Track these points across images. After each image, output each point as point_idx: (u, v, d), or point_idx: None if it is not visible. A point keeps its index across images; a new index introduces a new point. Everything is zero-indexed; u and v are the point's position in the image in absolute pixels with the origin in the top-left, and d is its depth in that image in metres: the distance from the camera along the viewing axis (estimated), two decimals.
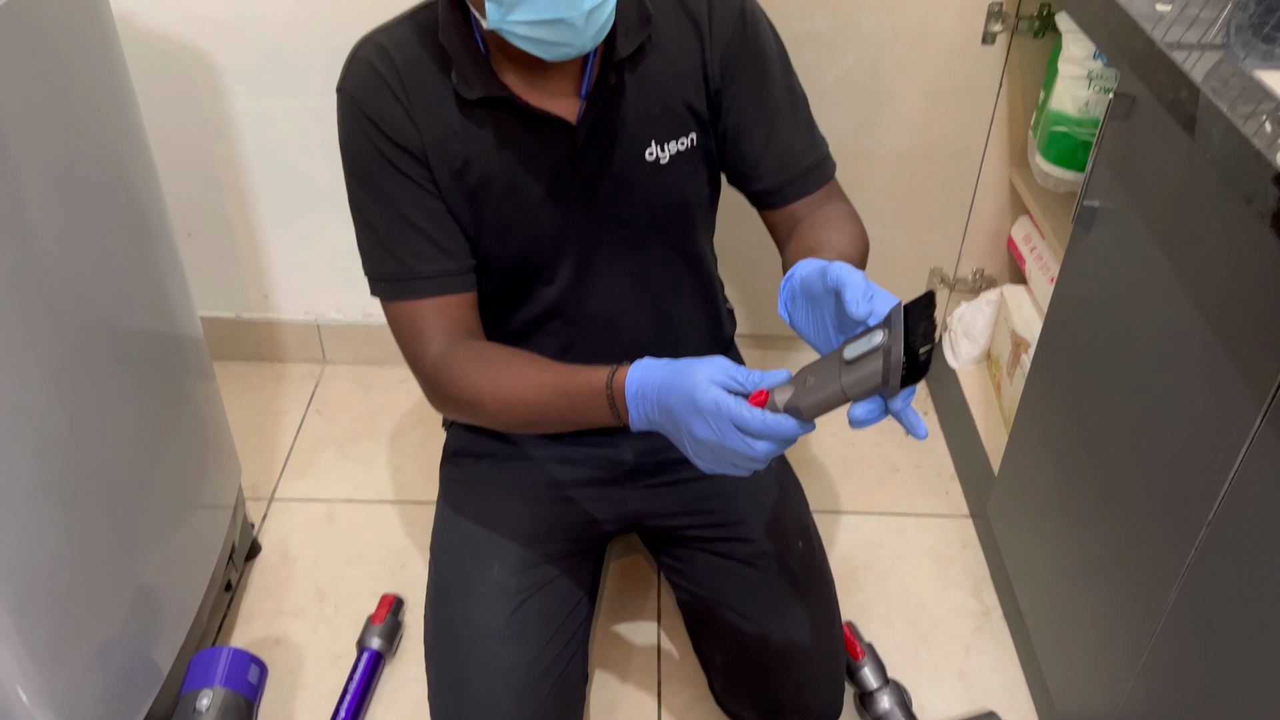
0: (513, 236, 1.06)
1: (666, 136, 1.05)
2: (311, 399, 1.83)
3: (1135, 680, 1.02)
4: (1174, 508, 0.94)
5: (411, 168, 1.01)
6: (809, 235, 1.02)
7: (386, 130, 0.99)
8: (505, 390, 0.99)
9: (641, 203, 1.07)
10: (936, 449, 1.75)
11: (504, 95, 0.98)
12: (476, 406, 1.01)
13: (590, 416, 0.92)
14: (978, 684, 1.36)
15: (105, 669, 1.04)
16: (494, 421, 1.03)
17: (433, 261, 1.03)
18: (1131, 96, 1.03)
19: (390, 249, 1.03)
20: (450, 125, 1.00)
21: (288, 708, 1.31)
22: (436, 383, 1.04)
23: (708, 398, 0.78)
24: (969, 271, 1.74)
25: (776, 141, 1.07)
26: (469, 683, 1.09)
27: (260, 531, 1.56)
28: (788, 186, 1.08)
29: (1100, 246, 1.11)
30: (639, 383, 0.86)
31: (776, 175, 1.08)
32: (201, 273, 1.73)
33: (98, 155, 1.05)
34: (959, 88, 1.54)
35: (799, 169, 1.08)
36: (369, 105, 0.99)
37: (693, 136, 1.06)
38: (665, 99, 1.04)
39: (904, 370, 0.69)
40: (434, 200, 1.03)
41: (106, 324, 1.05)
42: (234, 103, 1.61)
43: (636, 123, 1.03)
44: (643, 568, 1.51)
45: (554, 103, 1.00)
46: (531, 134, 1.01)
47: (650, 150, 1.05)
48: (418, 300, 1.04)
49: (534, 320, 1.14)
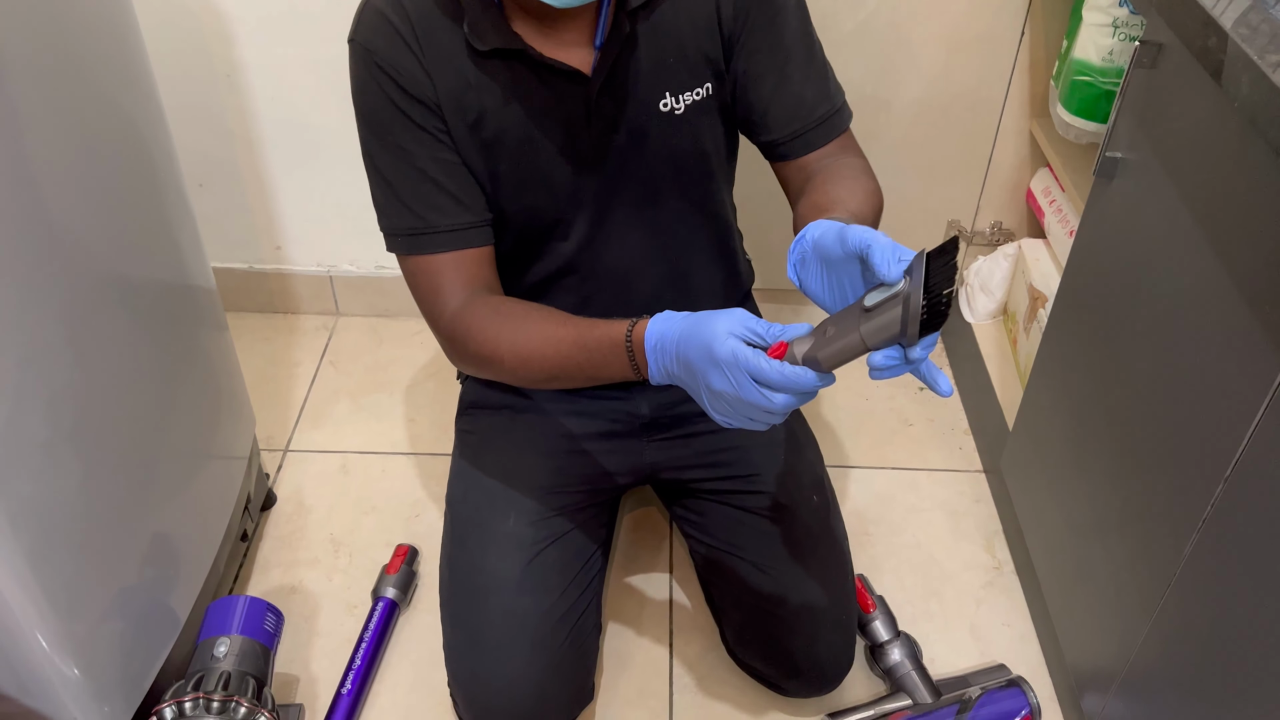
0: (527, 190, 1.05)
1: (682, 87, 1.03)
2: (325, 351, 1.83)
3: (1147, 635, 1.02)
4: (1191, 463, 0.93)
5: (426, 119, 0.99)
6: (820, 192, 0.99)
7: (401, 81, 0.97)
8: (524, 345, 0.97)
9: (657, 154, 1.06)
10: (951, 404, 1.74)
11: (517, 47, 0.96)
12: (495, 362, 1.00)
13: (609, 370, 0.91)
14: (988, 637, 1.36)
15: (124, 616, 1.06)
16: (513, 377, 1.02)
17: (449, 215, 1.02)
18: (1158, 44, 1.00)
19: (406, 203, 1.01)
20: (464, 77, 0.98)
21: (304, 655, 1.32)
22: (455, 339, 1.03)
23: (725, 349, 0.77)
24: (987, 224, 1.72)
25: (787, 90, 1.04)
26: (485, 632, 1.10)
27: (275, 482, 1.57)
28: (798, 138, 1.06)
29: (1122, 198, 1.10)
30: (658, 335, 0.85)
31: (786, 125, 1.05)
32: (213, 224, 1.73)
33: (106, 105, 1.04)
34: (980, 36, 1.51)
35: (810, 120, 1.05)
36: (382, 56, 0.97)
37: (708, 86, 1.04)
38: (680, 48, 1.01)
39: (923, 317, 0.67)
40: (449, 152, 1.01)
41: (118, 274, 1.05)
42: (245, 51, 1.59)
43: (651, 73, 1.01)
44: (656, 520, 1.51)
45: (568, 53, 0.98)
46: (545, 86, 0.99)
47: (665, 101, 1.03)
48: (435, 255, 1.02)
49: (550, 276, 1.13)
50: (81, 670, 0.98)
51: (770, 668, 1.22)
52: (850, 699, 1.27)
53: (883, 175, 1.66)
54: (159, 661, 1.13)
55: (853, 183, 1.00)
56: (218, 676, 1.10)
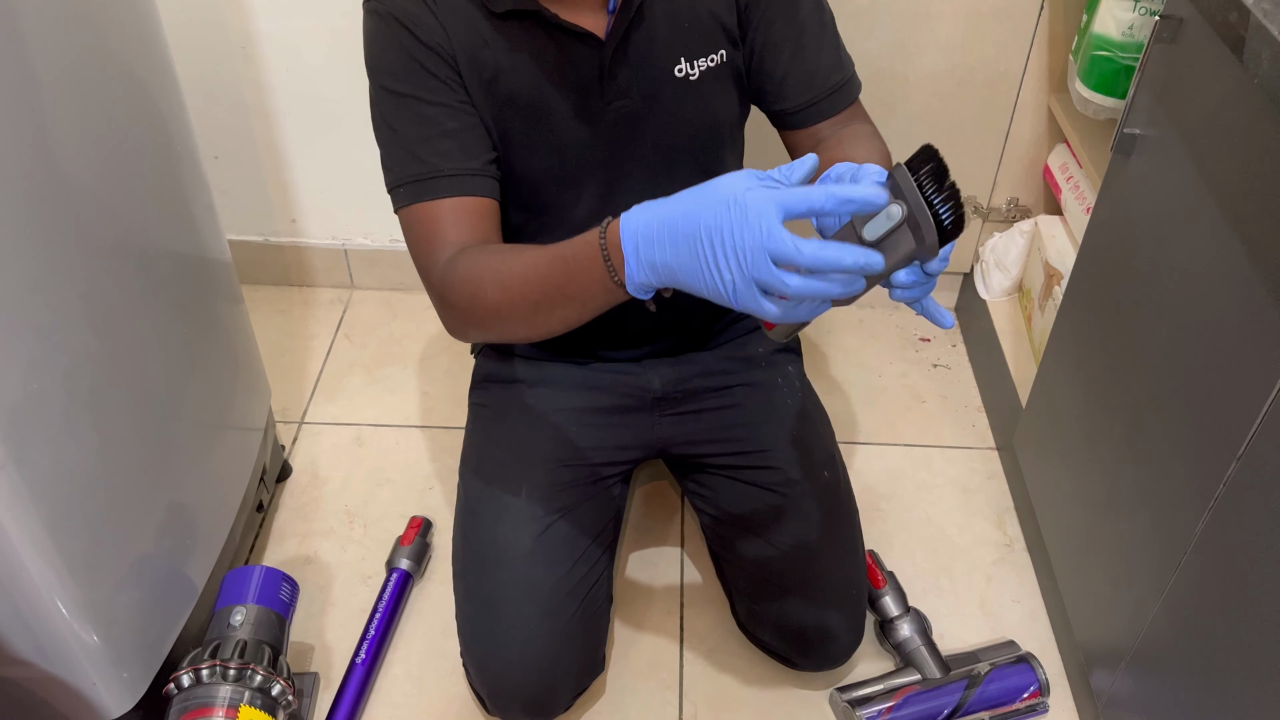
0: (539, 153, 1.04)
1: (696, 53, 1.03)
2: (340, 324, 1.84)
3: (1157, 613, 1.02)
4: (1204, 441, 0.93)
5: (440, 68, 0.98)
6: (837, 151, 0.99)
7: (417, 32, 0.96)
8: (506, 273, 0.90)
9: (670, 120, 1.06)
10: (964, 380, 1.73)
11: (532, 8, 0.96)
12: (479, 297, 0.92)
13: (587, 281, 0.81)
14: (998, 613, 1.37)
15: (141, 584, 1.07)
16: (498, 316, 0.91)
17: (454, 159, 0.99)
18: (1178, 18, 0.99)
19: (413, 150, 0.98)
20: (480, 35, 0.98)
21: (318, 624, 1.34)
22: (444, 285, 0.95)
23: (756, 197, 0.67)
24: (1003, 201, 1.71)
25: (803, 59, 1.05)
26: (497, 602, 1.11)
27: (291, 454, 1.58)
28: (811, 106, 1.06)
29: (1140, 175, 1.09)
30: (640, 222, 0.76)
31: (801, 94, 1.06)
32: (229, 196, 1.73)
33: (123, 76, 1.04)
34: (998, 9, 1.49)
35: (824, 88, 1.06)
36: (398, 9, 0.97)
37: (722, 53, 1.04)
38: (694, 14, 1.01)
39: (942, 225, 0.65)
40: (460, 100, 1.00)
41: (134, 245, 1.06)
42: (260, 23, 1.59)
43: (666, 38, 1.01)
44: (667, 493, 1.52)
45: (582, 17, 0.98)
46: (560, 48, 0.99)
47: (680, 66, 1.03)
48: (436, 201, 0.98)
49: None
50: (101, 637, 1.00)
51: (780, 642, 1.23)
52: (860, 674, 1.28)
53: (899, 149, 1.64)
54: (176, 629, 1.15)
55: (867, 145, 1.01)
56: (234, 645, 1.12)
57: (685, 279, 0.73)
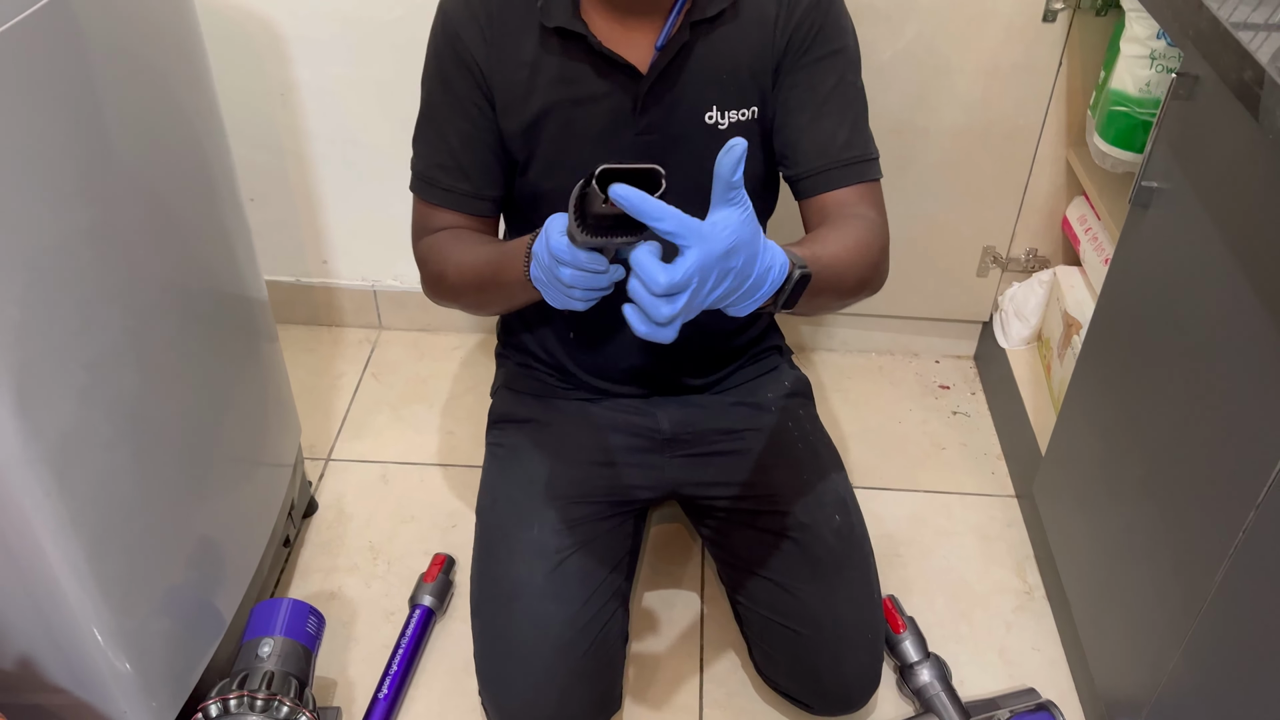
0: (561, 172, 1.10)
1: (729, 104, 1.07)
2: (367, 363, 1.87)
3: (1178, 661, 1.02)
4: (1223, 490, 0.94)
5: (467, 89, 1.07)
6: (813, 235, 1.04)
7: (458, 47, 1.06)
8: (462, 257, 1.09)
9: (693, 164, 1.08)
10: (984, 428, 1.74)
11: (580, 31, 1.02)
12: (442, 278, 1.11)
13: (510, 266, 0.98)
14: (1018, 661, 1.37)
15: (173, 614, 1.09)
16: (456, 293, 1.11)
17: (453, 177, 1.12)
18: (1195, 76, 1.02)
19: (424, 152, 1.13)
20: (523, 54, 1.05)
21: (342, 659, 1.35)
22: (421, 260, 1.15)
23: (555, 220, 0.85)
24: (1022, 251, 1.73)
25: (818, 129, 1.07)
26: (511, 638, 1.12)
27: (317, 490, 1.61)
28: (820, 174, 1.08)
29: (1157, 228, 1.11)
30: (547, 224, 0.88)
31: (813, 160, 1.08)
32: (263, 237, 1.76)
33: (174, 121, 1.08)
34: (1018, 65, 1.52)
35: (837, 159, 1.07)
36: (452, 19, 1.06)
37: (754, 110, 1.08)
38: (734, 67, 1.06)
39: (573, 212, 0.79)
40: (474, 128, 1.10)
41: (178, 283, 1.09)
42: (299, 71, 1.64)
43: (702, 84, 1.06)
44: (686, 535, 1.53)
45: (628, 50, 1.04)
46: (600, 75, 1.05)
47: (711, 114, 1.07)
48: (432, 205, 1.14)
49: None
50: (132, 665, 1.02)
51: (797, 687, 1.23)
52: (879, 719, 1.28)
53: (919, 201, 1.68)
54: (205, 659, 1.16)
55: (848, 236, 1.01)
56: (262, 676, 1.13)
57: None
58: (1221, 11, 0.95)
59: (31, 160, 0.83)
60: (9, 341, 0.81)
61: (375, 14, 1.57)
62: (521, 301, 1.03)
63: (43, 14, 0.82)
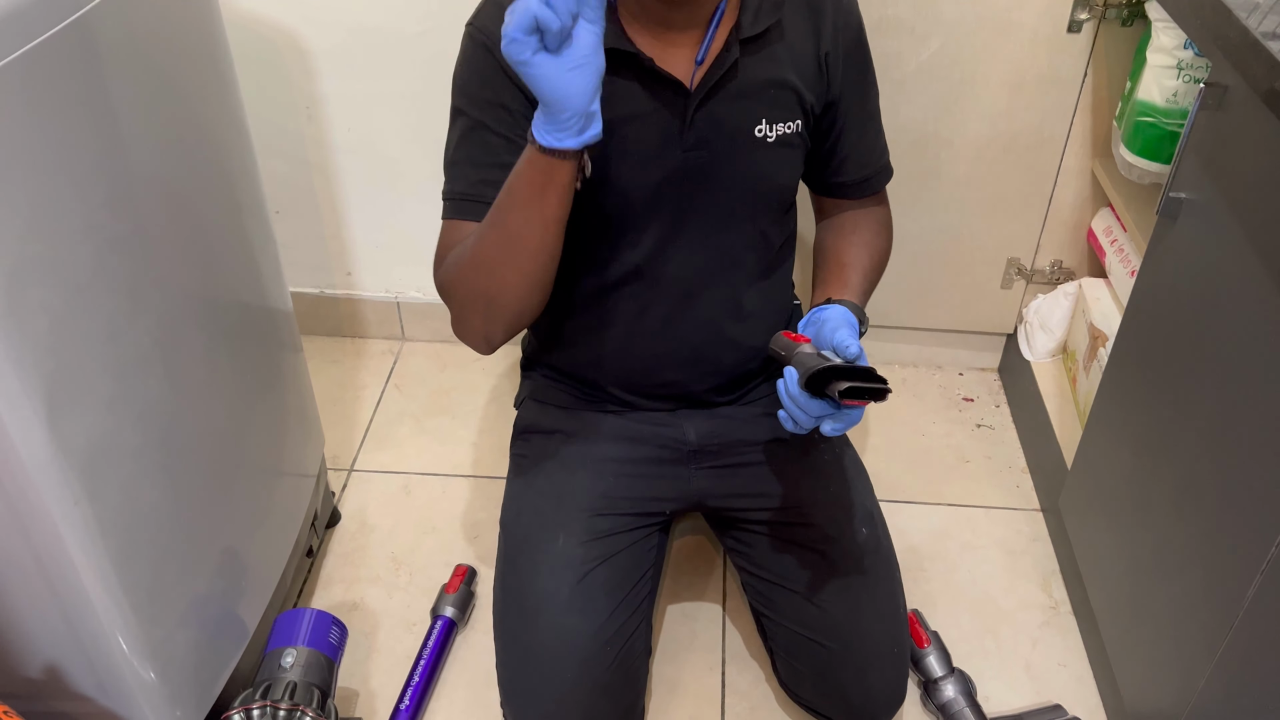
0: (610, 189, 1.08)
1: (777, 117, 1.09)
2: (390, 374, 1.88)
3: (1209, 677, 1.01)
4: (1254, 504, 0.93)
5: (515, 100, 1.04)
6: (845, 242, 1.20)
7: (504, 62, 1.00)
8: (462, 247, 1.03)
9: (739, 176, 1.10)
10: (1008, 442, 1.73)
11: (630, 50, 1.02)
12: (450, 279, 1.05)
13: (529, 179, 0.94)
14: (1044, 677, 1.35)
15: (197, 624, 1.10)
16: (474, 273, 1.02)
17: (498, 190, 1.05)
18: (1224, 86, 1.01)
19: (467, 172, 1.07)
20: None
21: (364, 669, 1.35)
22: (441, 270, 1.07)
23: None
24: (1047, 263, 1.72)
25: (864, 143, 1.18)
26: (534, 651, 1.12)
27: (340, 500, 1.61)
28: (861, 183, 1.21)
29: (1185, 239, 1.10)
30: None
31: (856, 172, 1.20)
32: (288, 249, 1.78)
33: (201, 134, 1.09)
34: (1043, 76, 1.52)
35: (873, 169, 1.21)
36: (491, 35, 1.02)
37: (798, 122, 1.11)
38: (780, 82, 1.08)
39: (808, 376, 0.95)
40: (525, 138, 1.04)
41: (205, 294, 1.10)
42: (324, 84, 1.65)
43: (751, 98, 1.07)
44: (708, 548, 1.53)
45: (675, 65, 1.04)
46: (648, 92, 1.05)
47: (760, 127, 1.08)
48: (470, 221, 1.06)
49: (614, 283, 1.15)
50: (157, 674, 1.02)
51: (822, 701, 1.22)
52: None
53: (944, 212, 1.67)
54: (229, 669, 1.17)
55: (871, 244, 1.20)
56: (284, 686, 1.13)
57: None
58: (1250, 21, 0.94)
59: (59, 173, 0.84)
60: (39, 351, 0.82)
61: (400, 27, 1.58)
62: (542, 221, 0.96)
63: (71, 30, 0.83)
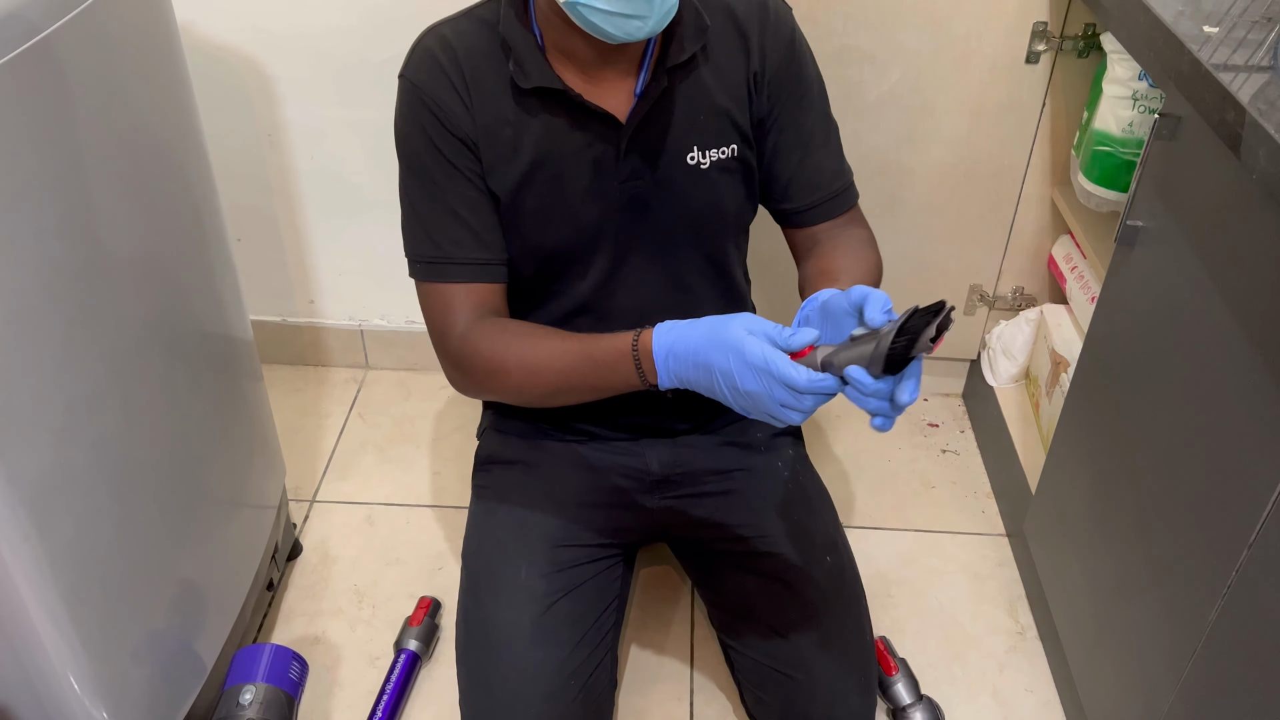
0: (552, 226, 1.09)
1: (709, 144, 1.09)
2: (354, 403, 1.86)
3: (1173, 702, 1.01)
4: (1216, 528, 0.94)
5: (459, 156, 1.05)
6: (828, 258, 1.11)
7: (441, 117, 1.03)
8: (531, 357, 1.03)
9: (678, 204, 1.10)
10: (973, 467, 1.74)
11: (558, 87, 1.02)
12: (501, 374, 1.04)
13: (615, 380, 0.96)
14: (1011, 703, 1.35)
15: (152, 661, 1.07)
16: (518, 392, 1.06)
17: (467, 249, 1.07)
18: (1177, 117, 1.03)
19: (430, 233, 1.08)
20: (504, 114, 1.04)
21: (325, 705, 1.33)
22: (462, 356, 1.07)
23: (757, 353, 0.83)
24: (1009, 289, 1.74)
25: (808, 165, 1.14)
26: (497, 685, 1.10)
27: (302, 532, 1.59)
28: (814, 209, 1.15)
29: (1143, 266, 1.11)
30: (668, 345, 0.91)
31: (805, 197, 1.15)
32: (249, 277, 1.76)
33: (160, 158, 1.08)
34: (1002, 106, 1.54)
35: (826, 193, 1.15)
36: (427, 92, 1.03)
37: (733, 148, 1.10)
38: (711, 108, 1.08)
39: (884, 361, 0.78)
40: (477, 191, 1.07)
41: (163, 323, 1.08)
42: (286, 111, 1.64)
43: (682, 126, 1.07)
44: (675, 579, 1.52)
45: (606, 99, 1.05)
46: (581, 128, 1.05)
47: (692, 155, 1.08)
48: (449, 284, 1.08)
49: (565, 315, 1.16)
50: (110, 713, 1.00)
51: None
52: None
53: (906, 239, 1.69)
54: (185, 707, 1.14)
55: (858, 253, 1.12)
56: None
57: (706, 394, 0.90)
58: (1202, 53, 0.96)
59: (11, 199, 0.82)
60: None
61: (364, 55, 1.57)
62: (606, 397, 1.01)
63: (27, 56, 0.82)
